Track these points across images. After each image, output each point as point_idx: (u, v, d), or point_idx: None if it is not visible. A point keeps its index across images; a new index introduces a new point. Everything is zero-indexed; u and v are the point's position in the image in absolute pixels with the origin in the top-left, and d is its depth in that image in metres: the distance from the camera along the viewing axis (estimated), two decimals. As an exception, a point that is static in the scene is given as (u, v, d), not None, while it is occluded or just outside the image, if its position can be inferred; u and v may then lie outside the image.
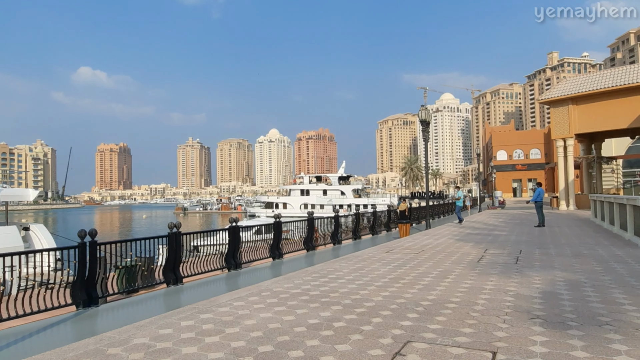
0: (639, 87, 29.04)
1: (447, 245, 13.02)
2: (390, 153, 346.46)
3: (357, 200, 67.57)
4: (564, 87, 34.62)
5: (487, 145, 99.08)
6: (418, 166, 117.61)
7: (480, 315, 5.39)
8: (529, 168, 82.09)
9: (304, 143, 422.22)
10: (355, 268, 9.18)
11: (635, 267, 8.58)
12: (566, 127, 32.87)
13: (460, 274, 8.16)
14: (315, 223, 14.40)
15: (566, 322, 5.01)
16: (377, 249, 12.47)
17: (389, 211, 21.70)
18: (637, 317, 5.18)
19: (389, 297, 6.43)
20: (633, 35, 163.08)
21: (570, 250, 11.15)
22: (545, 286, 6.97)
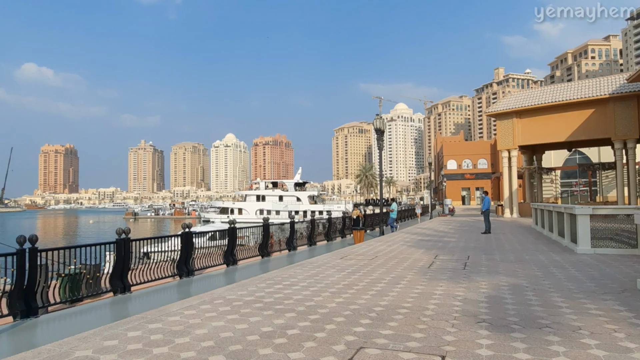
0: (575, 104, 31.18)
1: (400, 251, 13.32)
2: (345, 160, 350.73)
3: (312, 207, 67.76)
4: (508, 101, 36.56)
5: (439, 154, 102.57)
6: (372, 174, 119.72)
7: (430, 320, 5.55)
8: (476, 177, 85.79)
9: (260, 148, 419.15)
10: (310, 274, 9.19)
11: (571, 272, 9.15)
12: (510, 139, 34.67)
13: (412, 280, 8.36)
14: (271, 229, 14.30)
15: (510, 326, 5.25)
16: (331, 255, 12.55)
17: (344, 218, 21.91)
18: (573, 319, 5.51)
19: (343, 304, 6.49)
20: (570, 55, 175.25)
21: (513, 256, 11.73)
22: (490, 291, 7.29)
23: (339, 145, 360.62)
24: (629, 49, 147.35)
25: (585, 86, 32.56)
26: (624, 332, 4.94)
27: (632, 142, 30.09)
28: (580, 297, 6.76)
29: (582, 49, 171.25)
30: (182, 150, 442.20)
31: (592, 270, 9.31)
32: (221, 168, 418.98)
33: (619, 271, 9.11)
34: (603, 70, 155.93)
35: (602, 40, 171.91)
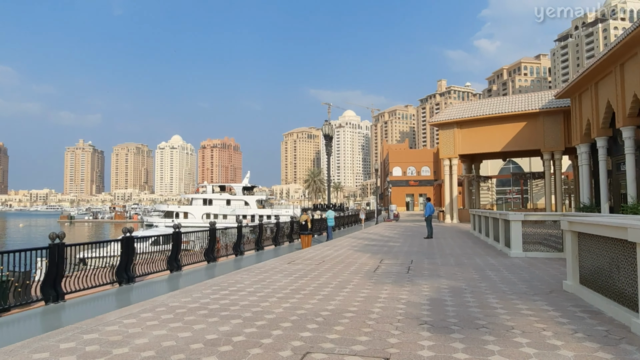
0: (510, 117, 33.25)
1: (347, 255, 13.51)
2: (294, 165, 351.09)
3: (260, 211, 67.20)
4: (450, 112, 38.34)
5: (385, 161, 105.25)
6: (321, 179, 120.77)
7: (375, 323, 5.67)
8: (420, 184, 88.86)
9: (208, 151, 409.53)
10: (257, 280, 9.10)
11: (505, 274, 9.72)
12: (452, 148, 36.32)
13: (358, 284, 8.51)
14: (218, 233, 14.02)
15: (450, 327, 5.49)
16: (279, 260, 12.50)
17: (292, 222, 21.90)
18: (507, 319, 5.85)
19: (290, 309, 6.48)
20: (506, 71, 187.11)
21: (453, 260, 12.27)
22: (432, 293, 7.58)
23: (288, 150, 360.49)
24: (556, 68, 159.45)
25: (519, 101, 34.83)
26: (552, 331, 5.31)
27: (559, 154, 32.51)
28: (513, 298, 7.19)
29: (516, 65, 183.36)
30: (125, 151, 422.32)
31: (523, 272, 9.94)
32: (166, 170, 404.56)
33: (547, 273, 9.79)
34: (534, 87, 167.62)
35: (534, 59, 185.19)
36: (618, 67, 20.45)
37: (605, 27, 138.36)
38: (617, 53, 19.93)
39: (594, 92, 23.67)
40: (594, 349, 4.63)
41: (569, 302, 6.86)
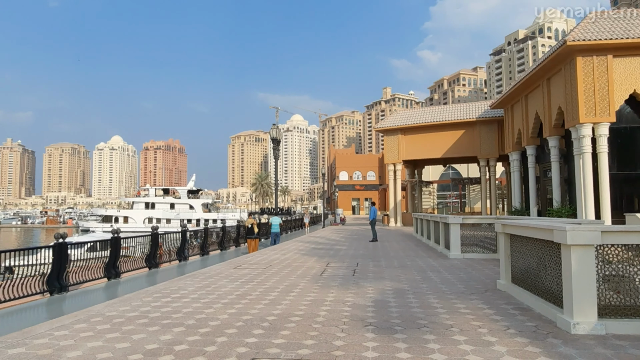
0: (450, 125, 34.91)
1: (294, 259, 13.51)
2: (241, 168, 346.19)
3: (206, 215, 65.59)
4: (394, 119, 39.58)
5: (332, 165, 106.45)
6: (268, 182, 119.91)
7: (321, 326, 5.72)
8: (366, 188, 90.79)
9: (151, 153, 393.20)
10: (201, 285, 8.87)
11: (445, 275, 10.15)
12: (396, 154, 37.48)
13: (304, 288, 8.54)
14: (160, 238, 13.52)
15: (393, 327, 5.65)
16: (225, 265, 12.27)
17: (239, 226, 21.58)
18: (447, 318, 6.12)
19: (236, 314, 6.38)
20: (446, 81, 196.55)
21: (397, 262, 12.64)
22: (377, 295, 7.76)
23: (235, 153, 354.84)
24: (491, 80, 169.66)
25: (458, 110, 36.63)
26: (487, 328, 5.62)
27: (494, 161, 34.54)
28: (452, 297, 7.53)
29: (456, 76, 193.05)
30: (59, 152, 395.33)
31: (461, 273, 10.44)
32: (105, 173, 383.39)
33: (482, 273, 10.35)
34: (472, 97, 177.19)
35: (472, 71, 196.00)
36: (545, 81, 22.10)
37: (534, 44, 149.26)
38: (544, 68, 21.55)
39: (524, 104, 25.39)
40: (525, 344, 4.95)
41: (503, 300, 7.29)
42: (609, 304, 5.44)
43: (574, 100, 18.92)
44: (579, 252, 5.37)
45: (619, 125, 19.00)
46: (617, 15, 20.26)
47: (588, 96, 18.51)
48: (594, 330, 5.25)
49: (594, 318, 5.31)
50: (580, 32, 18.85)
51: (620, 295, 5.48)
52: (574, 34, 18.79)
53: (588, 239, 5.36)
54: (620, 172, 19.29)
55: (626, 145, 19.39)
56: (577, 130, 18.94)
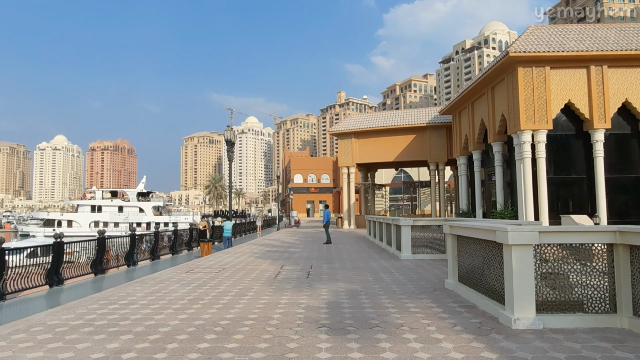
0: (401, 129, 35.92)
1: (248, 262, 13.39)
2: (195, 170, 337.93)
3: (157, 218, 63.53)
4: (348, 122, 40.19)
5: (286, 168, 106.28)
6: (222, 185, 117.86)
7: (275, 329, 5.73)
8: (320, 191, 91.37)
9: (98, 154, 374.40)
10: (151, 291, 8.61)
11: (396, 276, 10.44)
12: (349, 157, 38.05)
13: (258, 291, 8.50)
14: (107, 243, 12.98)
15: (346, 328, 5.75)
16: (176, 269, 11.97)
17: (191, 229, 21.11)
18: (397, 317, 6.31)
19: (187, 320, 6.26)
20: (398, 87, 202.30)
21: (350, 264, 12.84)
22: (330, 297, 7.86)
23: (188, 155, 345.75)
24: (441, 87, 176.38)
25: (409, 115, 37.76)
26: (435, 326, 5.85)
27: (443, 165, 35.86)
28: (402, 297, 7.77)
29: (407, 82, 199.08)
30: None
31: (411, 273, 10.78)
32: (47, 174, 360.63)
33: (431, 273, 10.74)
34: (422, 103, 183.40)
35: (422, 78, 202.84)
36: (490, 89, 23.27)
37: (480, 53, 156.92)
38: (489, 77, 22.70)
39: (470, 110, 26.59)
40: (470, 340, 5.20)
41: (450, 298, 7.60)
42: (546, 300, 5.83)
43: (516, 108, 20.04)
44: (519, 252, 5.72)
45: (555, 132, 20.32)
46: (554, 30, 21.70)
47: (528, 105, 19.68)
48: (533, 325, 5.60)
49: (532, 313, 5.67)
50: (521, 44, 20.02)
51: (556, 292, 5.89)
52: (516, 45, 19.93)
53: (527, 239, 5.72)
54: (557, 177, 20.63)
55: (562, 152, 20.77)
56: (518, 136, 20.07)
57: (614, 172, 20.27)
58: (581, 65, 19.84)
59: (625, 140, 20.67)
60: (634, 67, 19.94)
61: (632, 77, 19.96)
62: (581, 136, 20.54)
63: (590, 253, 6.01)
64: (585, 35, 20.98)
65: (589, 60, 19.69)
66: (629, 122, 20.59)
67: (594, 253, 6.02)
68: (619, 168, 20.52)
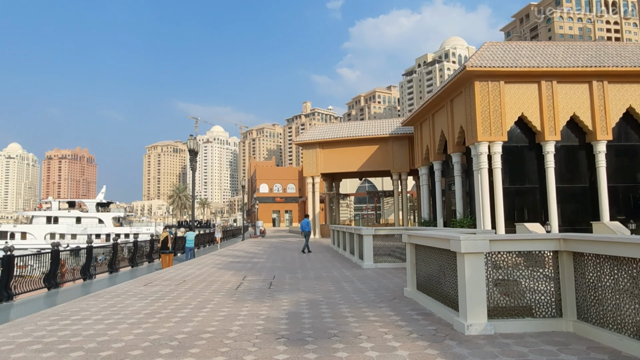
0: (365, 140, 36.53)
1: (209, 274, 13.19)
2: (158, 180, 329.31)
3: (117, 229, 61.50)
4: (313, 133, 40.47)
5: (252, 178, 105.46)
6: (186, 194, 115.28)
7: (233, 342, 5.68)
8: (286, 201, 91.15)
9: (55, 163, 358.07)
10: (106, 305, 8.34)
11: (358, 285, 10.56)
12: (314, 167, 38.26)
13: (218, 303, 8.40)
14: (63, 256, 12.49)
15: (305, 339, 5.78)
16: (134, 282, 11.64)
17: (152, 241, 20.58)
18: (356, 326, 6.39)
19: (142, 335, 6.11)
20: (363, 98, 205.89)
21: (313, 274, 12.88)
22: (291, 307, 7.87)
23: (151, 164, 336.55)
24: (404, 98, 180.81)
25: (373, 126, 38.45)
26: (392, 334, 5.96)
27: (405, 175, 36.65)
28: (362, 306, 7.87)
29: (372, 94, 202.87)
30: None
31: (373, 282, 10.93)
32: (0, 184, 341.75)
33: (392, 282, 10.93)
34: (386, 114, 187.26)
35: (386, 89, 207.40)
36: (449, 102, 24.09)
37: (441, 67, 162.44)
38: (448, 90, 23.52)
39: (431, 122, 27.39)
40: (425, 347, 5.34)
41: (408, 306, 7.77)
42: (497, 305, 6.07)
43: (473, 120, 20.83)
44: (471, 260, 5.94)
45: (510, 144, 21.25)
46: (508, 46, 22.78)
47: (484, 117, 20.50)
48: (485, 331, 5.81)
49: (484, 319, 5.88)
50: (477, 59, 20.89)
51: (508, 298, 6.14)
52: (472, 60, 20.78)
53: (478, 247, 5.95)
54: (512, 186, 21.52)
55: (517, 162, 21.72)
56: (476, 147, 20.84)
57: (564, 182, 21.36)
58: (533, 80, 20.90)
59: (574, 151, 21.86)
60: (580, 83, 21.20)
61: (579, 92, 21.20)
62: (534, 148, 21.57)
63: (542, 259, 6.31)
64: (537, 52, 22.14)
65: (539, 75, 20.78)
66: (577, 134, 21.81)
67: (544, 259, 6.32)
68: (569, 178, 21.65)
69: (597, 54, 22.40)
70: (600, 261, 5.38)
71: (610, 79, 21.22)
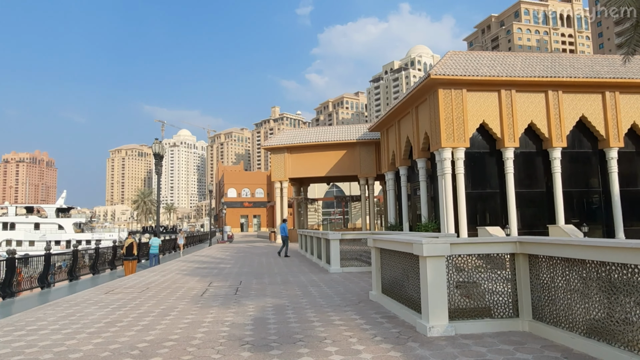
0: (333, 145, 36.83)
1: (174, 280, 12.94)
2: (122, 185, 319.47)
3: (79, 236, 59.35)
4: (281, 137, 40.46)
5: (220, 182, 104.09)
6: (151, 199, 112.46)
7: (196, 349, 5.61)
8: (254, 205, 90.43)
9: (12, 166, 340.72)
10: (65, 315, 8.05)
11: (324, 289, 10.63)
12: (282, 172, 38.21)
13: (182, 310, 8.26)
14: (19, 263, 11.97)
15: (270, 344, 5.77)
16: (95, 290, 11.27)
17: (115, 247, 20.00)
18: (321, 331, 6.43)
19: (102, 344, 5.94)
20: (331, 104, 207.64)
21: (280, 279, 12.85)
22: (257, 313, 7.83)
23: (115, 168, 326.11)
24: (371, 104, 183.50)
25: (341, 131, 38.81)
26: (357, 337, 6.03)
27: (372, 180, 37.14)
28: (328, 310, 7.93)
29: (340, 99, 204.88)
30: None
31: (339, 286, 11.02)
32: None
33: (358, 286, 11.05)
34: (354, 119, 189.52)
35: (354, 95, 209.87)
36: (414, 109, 24.65)
37: (407, 74, 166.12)
38: (413, 98, 24.07)
39: (397, 128, 27.93)
40: (388, 349, 5.44)
41: (373, 310, 7.89)
42: (458, 307, 6.26)
43: (437, 127, 21.40)
44: (433, 263, 6.10)
45: (472, 150, 21.94)
46: (470, 55, 23.56)
47: (448, 123, 21.10)
48: (446, 332, 5.97)
49: (445, 321, 6.04)
50: (441, 67, 21.50)
51: (469, 299, 6.34)
52: (436, 68, 21.38)
53: (440, 250, 6.12)
54: (474, 191, 22.21)
55: (479, 168, 22.44)
56: (440, 153, 21.40)
57: (523, 187, 22.23)
58: (493, 89, 21.71)
59: (532, 158, 22.81)
60: (537, 92, 22.18)
61: (536, 101, 22.16)
62: (494, 154, 22.36)
63: (501, 262, 6.56)
64: (497, 61, 23.02)
65: (499, 84, 21.61)
66: (534, 141, 22.77)
67: (503, 262, 6.57)
68: (527, 183, 22.55)
69: (553, 65, 23.52)
70: (553, 263, 5.64)
71: (565, 89, 22.32)
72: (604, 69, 23.40)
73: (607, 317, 4.75)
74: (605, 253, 4.68)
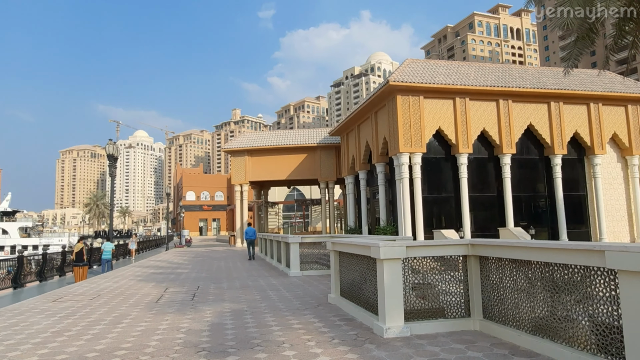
0: (294, 148, 36.82)
1: (128, 287, 12.50)
2: (73, 187, 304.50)
3: (25, 241, 56.17)
4: (242, 140, 40.02)
5: (178, 185, 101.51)
6: (105, 203, 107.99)
7: (150, 357, 5.45)
8: (214, 209, 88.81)
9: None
10: (7, 325, 7.60)
11: (284, 293, 10.60)
12: (243, 175, 37.79)
13: (136, 317, 8.00)
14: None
15: (227, 350, 5.69)
16: (42, 298, 10.71)
17: (64, 252, 19.07)
18: (280, 335, 6.41)
19: (48, 355, 5.65)
20: (292, 107, 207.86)
21: (239, 283, 12.70)
22: (214, 318, 7.71)
23: (65, 169, 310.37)
24: (332, 109, 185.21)
25: (302, 135, 38.88)
26: (315, 340, 6.06)
27: (332, 183, 37.42)
28: (287, 314, 7.92)
29: (301, 103, 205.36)
30: None
31: (298, 290, 11.03)
32: None
33: (317, 289, 11.10)
34: (315, 123, 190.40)
35: (315, 99, 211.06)
36: (374, 114, 25.10)
37: (367, 80, 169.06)
38: (372, 103, 24.52)
39: (357, 132, 28.32)
40: (345, 352, 5.50)
41: (332, 313, 7.95)
42: (413, 308, 6.42)
43: (395, 132, 21.89)
44: (390, 265, 6.23)
45: (429, 155, 22.59)
46: (427, 63, 24.29)
47: (406, 129, 21.63)
48: (402, 333, 6.10)
49: (401, 322, 6.18)
50: (399, 74, 22.03)
51: (424, 300, 6.51)
52: (395, 75, 21.88)
53: (396, 253, 6.26)
54: (431, 195, 22.86)
55: (435, 173, 23.13)
56: (398, 158, 21.89)
57: (475, 191, 23.11)
58: (448, 96, 22.48)
59: (484, 163, 23.77)
60: (489, 101, 23.17)
61: (488, 109, 23.14)
62: (450, 159, 23.12)
63: (456, 264, 6.78)
64: (452, 70, 23.86)
65: (454, 92, 22.40)
66: (486, 148, 23.75)
67: (457, 264, 6.80)
68: (480, 188, 23.46)
69: (504, 75, 24.66)
70: (502, 264, 5.91)
71: (514, 98, 23.45)
72: (550, 81, 24.79)
73: (550, 315, 5.02)
74: (548, 254, 4.96)
